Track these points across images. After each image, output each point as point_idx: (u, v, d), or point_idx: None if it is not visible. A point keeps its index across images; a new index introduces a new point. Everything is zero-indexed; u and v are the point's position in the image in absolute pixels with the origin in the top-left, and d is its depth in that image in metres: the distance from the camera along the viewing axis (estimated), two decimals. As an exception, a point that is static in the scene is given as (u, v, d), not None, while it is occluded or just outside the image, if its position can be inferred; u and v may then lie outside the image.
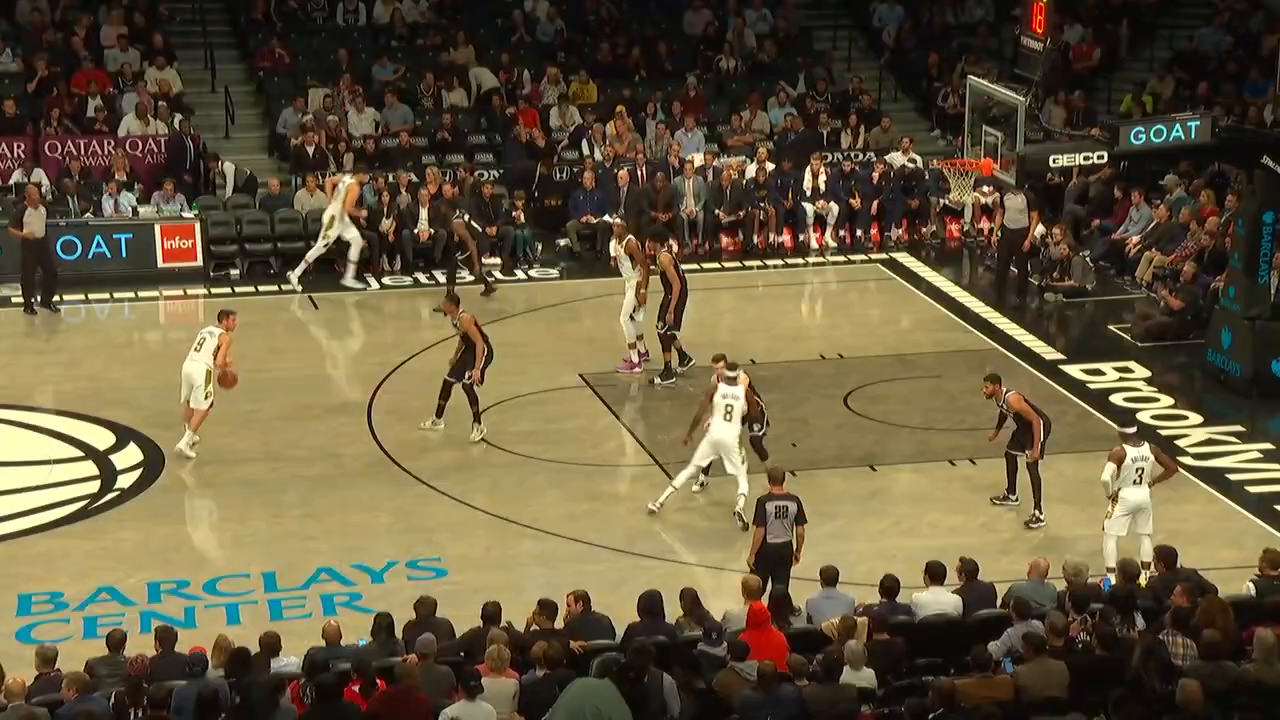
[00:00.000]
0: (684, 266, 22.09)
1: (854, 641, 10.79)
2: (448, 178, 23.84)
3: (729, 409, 14.84)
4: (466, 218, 22.00)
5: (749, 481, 14.78)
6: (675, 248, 19.24)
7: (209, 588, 13.91)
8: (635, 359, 18.53)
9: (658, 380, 18.18)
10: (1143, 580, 12.35)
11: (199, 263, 22.38)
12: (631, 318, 18.43)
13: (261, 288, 22.34)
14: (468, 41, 26.70)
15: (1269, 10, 27.10)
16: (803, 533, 13.12)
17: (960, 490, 15.78)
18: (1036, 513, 15.00)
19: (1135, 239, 22.32)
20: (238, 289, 22.21)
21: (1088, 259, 22.21)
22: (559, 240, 24.05)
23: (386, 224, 22.91)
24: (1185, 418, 17.54)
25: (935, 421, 17.12)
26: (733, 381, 15.01)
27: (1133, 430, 14.04)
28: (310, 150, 24.28)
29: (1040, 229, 22.58)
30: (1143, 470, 13.72)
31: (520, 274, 23.01)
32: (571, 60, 26.93)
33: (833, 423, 17.53)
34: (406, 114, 25.48)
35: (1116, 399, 18.04)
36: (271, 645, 10.99)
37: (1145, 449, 13.82)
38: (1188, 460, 16.33)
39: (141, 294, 21.52)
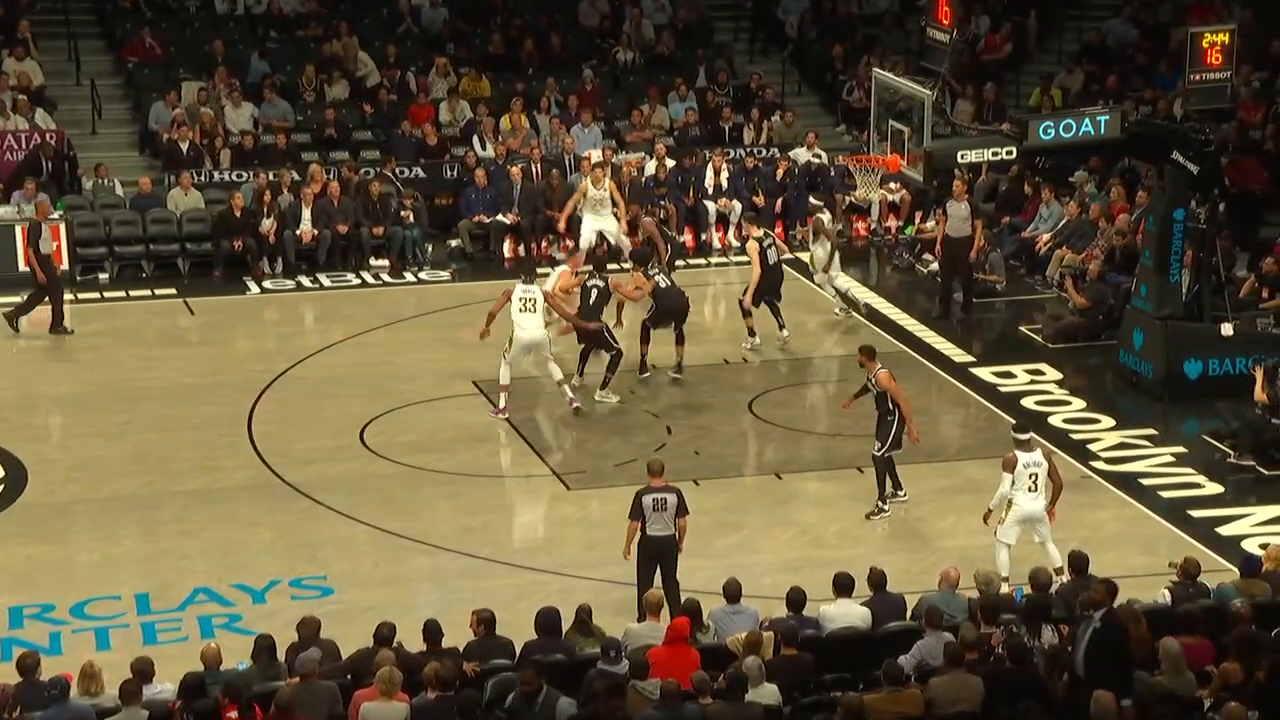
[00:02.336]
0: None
1: (752, 658, 10.82)
2: (331, 175, 23.67)
3: None
4: (658, 216, 21.26)
5: None
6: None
7: (76, 611, 13.66)
8: (502, 404, 17.59)
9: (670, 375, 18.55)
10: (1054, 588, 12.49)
11: (64, 266, 21.98)
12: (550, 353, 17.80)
13: (133, 292, 22.01)
14: (350, 32, 26.51)
15: (1176, 2, 27.63)
16: (684, 525, 13.16)
17: (868, 499, 15.86)
18: (880, 504, 15.23)
19: (1045, 237, 22.64)
20: (107, 294, 21.89)
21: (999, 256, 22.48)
22: (450, 241, 23.96)
23: (267, 224, 22.69)
24: (1097, 421, 17.81)
25: (843, 428, 17.23)
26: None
27: (1026, 436, 14.07)
28: (184, 147, 23.97)
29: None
30: (1036, 476, 13.75)
31: (409, 276, 22.88)
32: (461, 52, 26.84)
33: (737, 429, 17.61)
34: (286, 109, 25.25)
35: (1028, 402, 18.28)
36: (144, 671, 10.82)
37: (1038, 454, 13.89)
38: (1100, 465, 16.60)
39: (1, 300, 21.10)
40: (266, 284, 22.43)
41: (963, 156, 17.80)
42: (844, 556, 14.03)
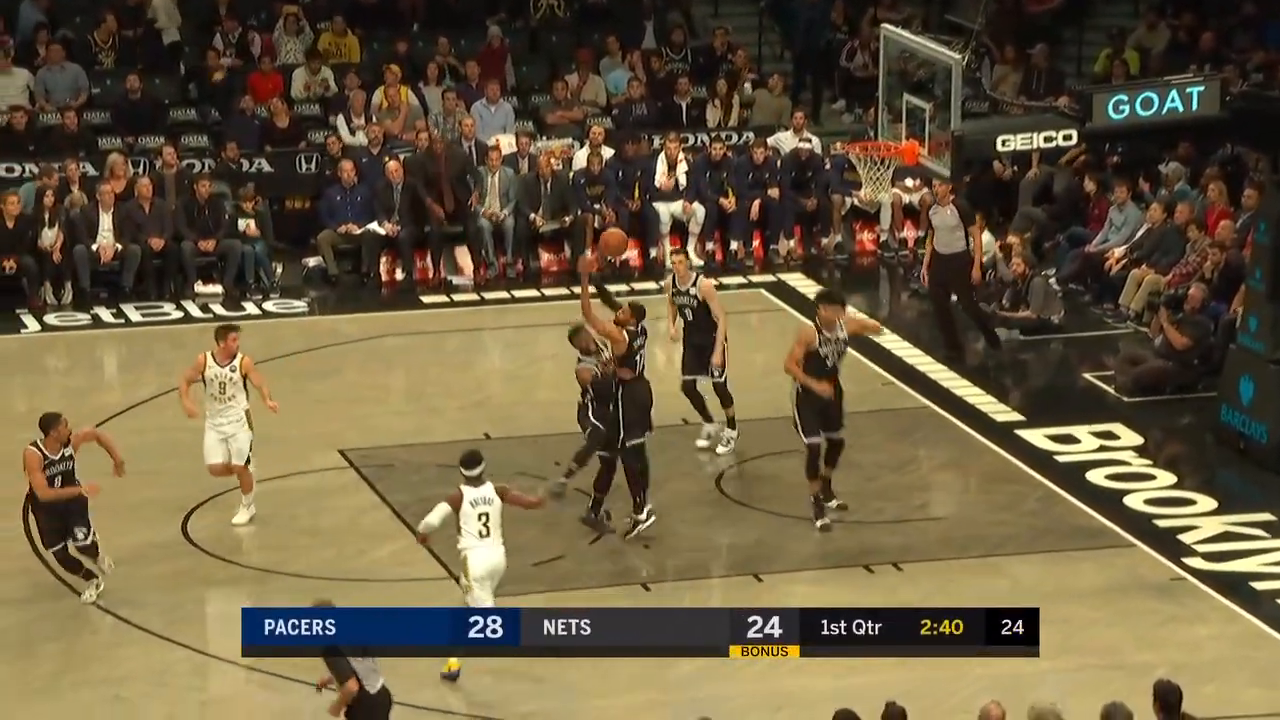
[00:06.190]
0: (490, 294, 22.16)
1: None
2: (141, 169, 23.59)
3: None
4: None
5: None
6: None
7: None
8: None
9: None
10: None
11: None
12: None
13: None
14: (164, -30, 26.56)
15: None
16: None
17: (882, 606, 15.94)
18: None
19: (1118, 252, 22.83)
20: None
21: (1052, 282, 22.63)
22: (307, 259, 23.92)
23: (50, 237, 22.61)
24: (1192, 502, 17.90)
25: (843, 512, 17.32)
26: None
27: (477, 470, 14.54)
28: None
29: (984, 241, 22.97)
30: (487, 517, 14.41)
31: (252, 307, 22.81)
32: (320, 1, 26.88)
33: (701, 513, 17.63)
34: (77, 76, 25.20)
35: (1096, 475, 18.38)
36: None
37: (489, 489, 14.55)
38: (1197, 563, 16.70)
39: None
40: (50, 318, 22.32)
41: (1004, 143, 17.93)
42: (847, 687, 14.03)
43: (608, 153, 24.53)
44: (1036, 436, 19.29)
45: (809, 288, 23.65)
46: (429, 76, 25.80)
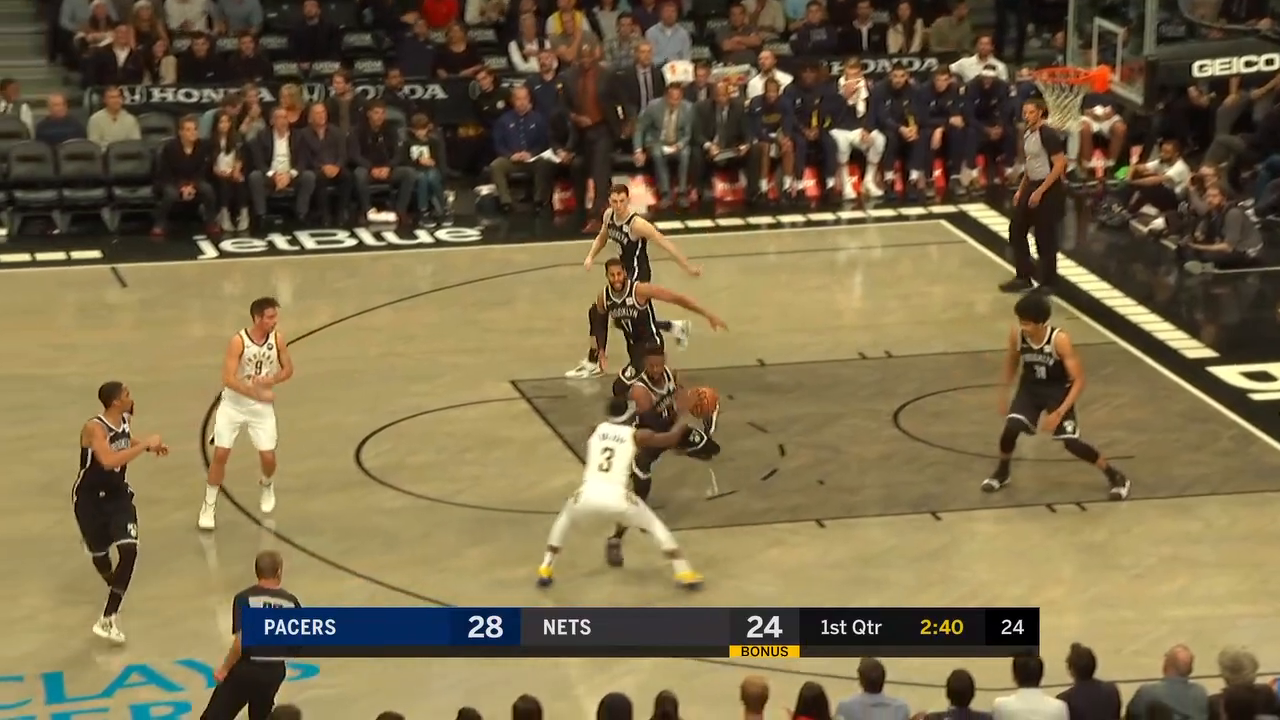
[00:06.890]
0: (662, 225, 22.12)
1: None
2: (316, 96, 23.78)
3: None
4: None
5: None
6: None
7: (-37, 696, 13.83)
8: None
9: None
10: None
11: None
12: None
13: (40, 255, 22.21)
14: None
15: None
16: None
17: (1064, 548, 15.82)
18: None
19: (1321, 182, 22.54)
20: (3, 257, 22.12)
21: (1250, 213, 22.31)
22: (479, 188, 24.03)
23: (228, 163, 22.85)
24: (1395, 445, 17.67)
25: (1024, 449, 17.18)
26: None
27: (623, 416, 14.95)
28: (121, 56, 24.11)
29: (1177, 171, 22.66)
30: (611, 453, 14.72)
31: (425, 235, 22.96)
32: (496, -77, 26.99)
33: (877, 450, 17.56)
34: (253, 3, 25.45)
35: (1291, 415, 18.18)
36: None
37: (625, 431, 14.88)
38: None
39: None
40: (226, 245, 22.57)
41: (1201, 68, 17.72)
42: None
43: (785, 79, 24.40)
44: (1230, 374, 19.04)
45: (991, 219, 23.46)
46: (604, 1, 25.77)
